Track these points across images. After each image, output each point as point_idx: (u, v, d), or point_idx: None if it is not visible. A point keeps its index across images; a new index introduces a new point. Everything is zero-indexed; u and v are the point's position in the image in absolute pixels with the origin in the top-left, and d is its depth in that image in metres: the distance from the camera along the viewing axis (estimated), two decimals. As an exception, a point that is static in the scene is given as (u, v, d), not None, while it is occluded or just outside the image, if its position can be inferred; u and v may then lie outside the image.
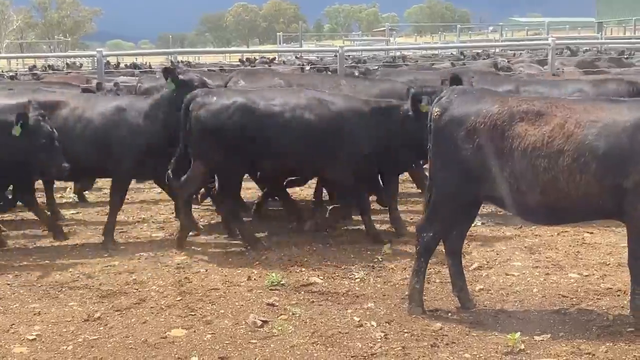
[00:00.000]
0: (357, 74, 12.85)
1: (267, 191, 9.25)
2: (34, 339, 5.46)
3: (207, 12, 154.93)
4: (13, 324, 5.77)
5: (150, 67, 21.55)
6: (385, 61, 20.47)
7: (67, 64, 27.09)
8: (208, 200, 9.43)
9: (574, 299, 6.08)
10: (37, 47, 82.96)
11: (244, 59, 23.10)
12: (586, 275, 6.68)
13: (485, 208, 9.35)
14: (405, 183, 10.56)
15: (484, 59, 19.85)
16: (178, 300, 6.23)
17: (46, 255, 7.70)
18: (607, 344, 5.19)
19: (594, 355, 5.08)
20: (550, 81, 10.52)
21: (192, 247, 7.83)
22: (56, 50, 66.11)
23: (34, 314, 5.98)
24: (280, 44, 52.14)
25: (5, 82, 13.47)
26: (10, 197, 8.71)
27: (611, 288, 6.31)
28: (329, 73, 13.77)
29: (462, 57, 21.82)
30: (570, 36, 45.07)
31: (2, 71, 20.86)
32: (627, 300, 5.97)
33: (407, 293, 5.92)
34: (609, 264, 7.00)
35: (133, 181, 8.55)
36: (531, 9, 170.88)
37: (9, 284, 6.75)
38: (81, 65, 29.44)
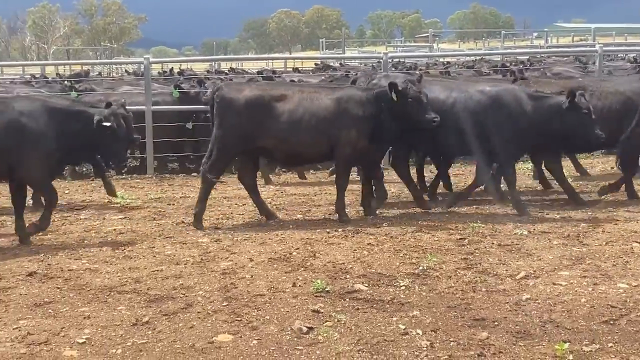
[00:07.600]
0: None
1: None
2: (84, 343, 5.53)
3: (250, 18, 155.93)
4: (63, 328, 5.84)
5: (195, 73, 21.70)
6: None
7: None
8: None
9: (623, 310, 5.99)
10: (84, 53, 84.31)
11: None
12: (635, 286, 6.57)
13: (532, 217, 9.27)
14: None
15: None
16: (224, 306, 6.27)
17: (95, 259, 7.82)
18: (658, 356, 5.13)
19: (644, 367, 5.02)
20: None
21: (237, 254, 7.89)
22: (102, 57, 67.04)
23: (84, 318, 6.05)
24: (322, 50, 52.22)
25: None
26: None
27: (661, 299, 6.22)
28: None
29: None
30: (617, 42, 44.42)
31: (51, 77, 21.13)
32: (678, 311, 5.91)
33: None
34: (659, 274, 6.90)
35: None
36: (576, 15, 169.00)
37: (58, 288, 6.86)
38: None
